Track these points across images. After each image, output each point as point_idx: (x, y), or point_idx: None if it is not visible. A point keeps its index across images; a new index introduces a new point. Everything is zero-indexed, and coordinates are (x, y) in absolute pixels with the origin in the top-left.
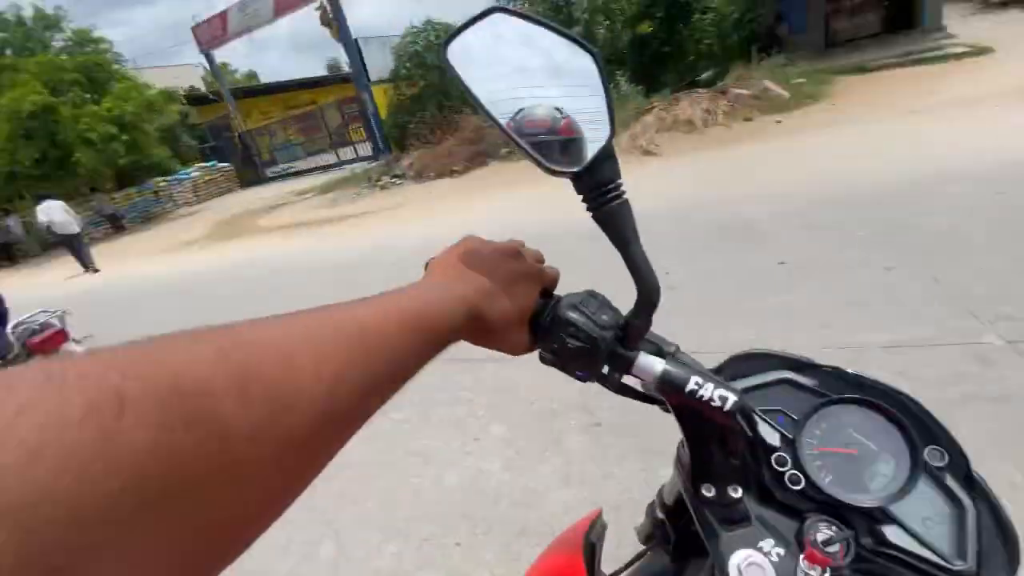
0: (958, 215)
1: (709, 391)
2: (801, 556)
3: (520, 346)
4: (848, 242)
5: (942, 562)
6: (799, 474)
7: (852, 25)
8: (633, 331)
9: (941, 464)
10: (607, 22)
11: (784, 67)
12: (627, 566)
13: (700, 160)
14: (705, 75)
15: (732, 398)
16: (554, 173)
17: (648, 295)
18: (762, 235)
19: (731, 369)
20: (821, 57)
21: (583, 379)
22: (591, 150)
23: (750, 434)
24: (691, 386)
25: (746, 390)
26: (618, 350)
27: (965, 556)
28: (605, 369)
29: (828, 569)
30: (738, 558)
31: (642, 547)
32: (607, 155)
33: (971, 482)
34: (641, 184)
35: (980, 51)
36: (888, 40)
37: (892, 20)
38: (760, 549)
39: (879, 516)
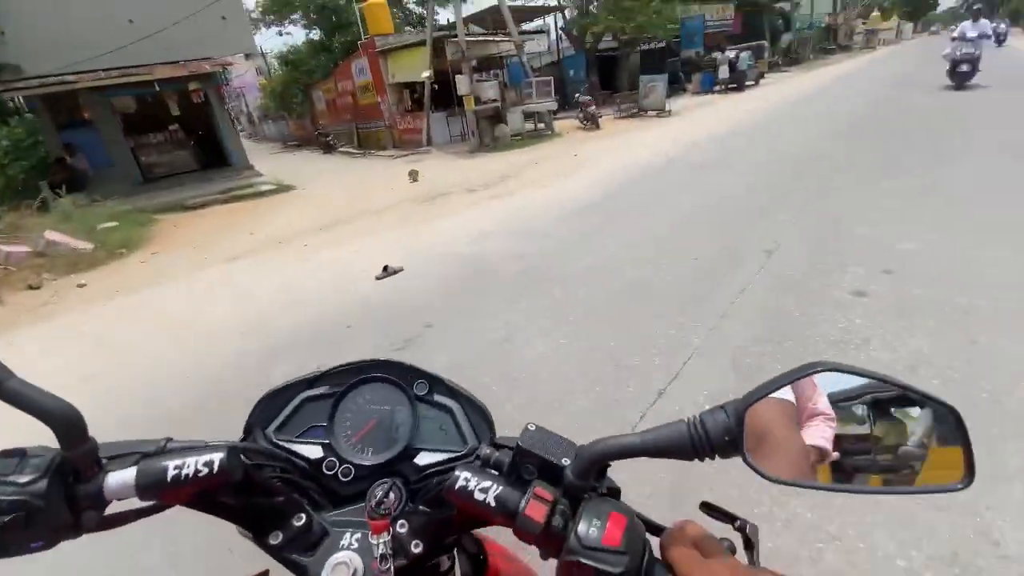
0: None
1: (192, 466)
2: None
3: None
4: None
5: (454, 454)
6: (348, 466)
7: (167, 160)
8: (78, 463)
9: (426, 390)
10: None
11: (89, 207)
12: None
13: None
14: None
15: (217, 457)
16: None
17: (60, 421)
18: None
19: (260, 417)
20: (140, 193)
21: (41, 548)
22: None
23: (280, 470)
24: (172, 472)
25: (279, 427)
26: (76, 490)
27: (467, 440)
28: (73, 520)
29: (392, 525)
30: (327, 568)
31: None
32: None
33: (451, 389)
34: None
35: (284, 188)
36: (207, 176)
37: (206, 157)
38: (343, 547)
39: (412, 453)
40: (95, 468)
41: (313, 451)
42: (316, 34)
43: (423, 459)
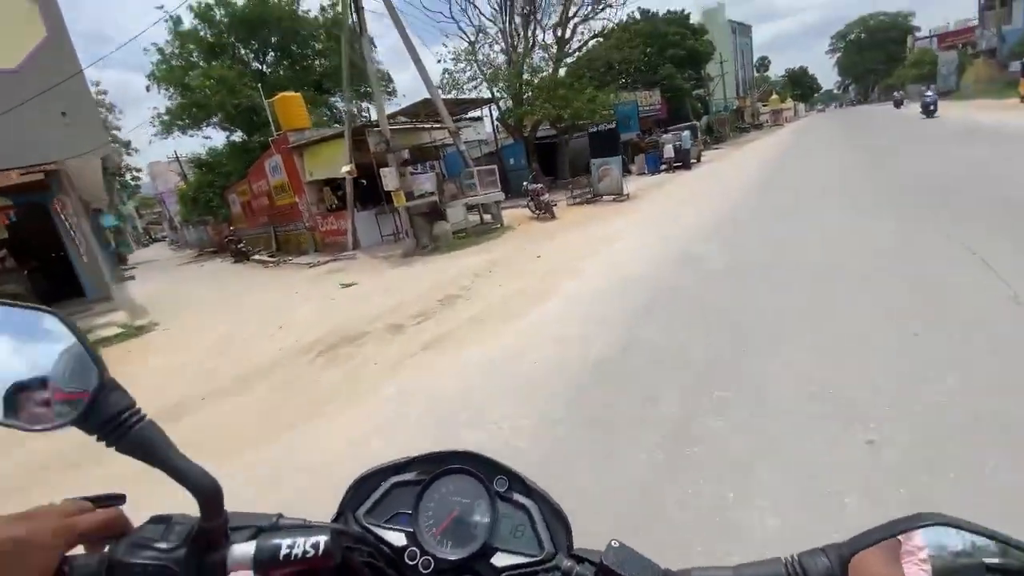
0: None
1: (301, 546)
2: None
3: None
4: None
5: (532, 559)
6: (429, 558)
7: None
8: (212, 533)
9: (505, 487)
10: None
11: None
12: None
13: None
14: None
15: (323, 539)
16: (54, 429)
17: (205, 494)
18: None
19: (351, 499)
20: None
21: None
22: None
23: (368, 554)
24: (284, 551)
25: (369, 510)
26: (205, 558)
27: (543, 545)
28: None
29: None
30: None
31: None
32: (110, 387)
33: (529, 489)
34: None
35: (135, 331)
36: None
37: (53, 288)
38: None
39: (489, 551)
40: (223, 540)
41: (398, 538)
42: (238, 135)
43: (500, 560)
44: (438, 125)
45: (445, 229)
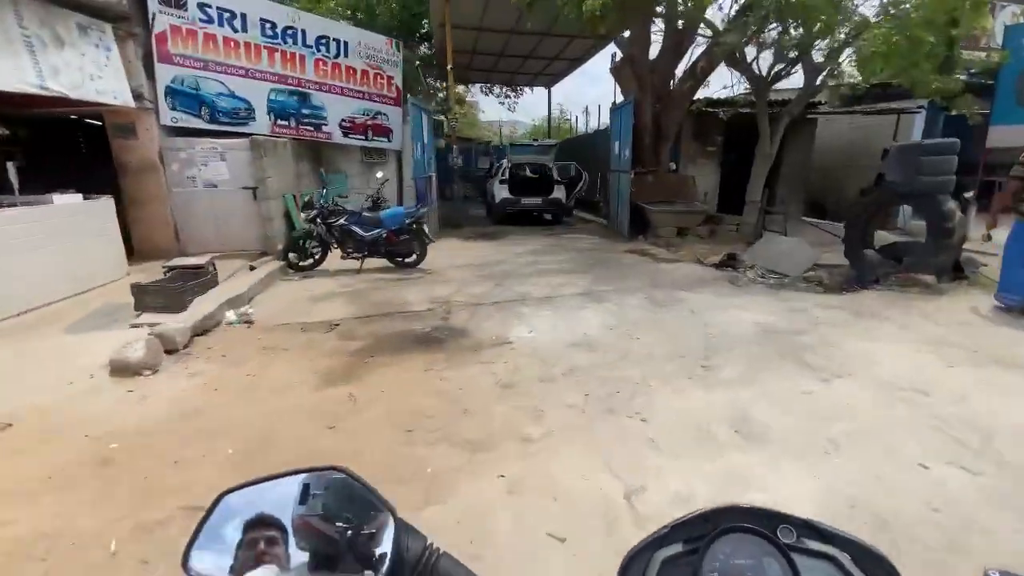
0: None
1: None
2: None
3: None
4: None
5: None
6: None
7: None
8: None
9: (794, 538)
10: None
11: None
12: None
13: None
14: None
15: None
16: None
17: None
18: None
19: None
20: None
21: None
22: (385, 538)
23: None
24: None
25: None
26: None
27: None
28: None
29: None
30: None
31: None
32: (403, 529)
33: (825, 534)
34: None
35: None
36: None
37: None
38: None
39: None
40: None
41: None
42: None
43: None
44: None
45: None
